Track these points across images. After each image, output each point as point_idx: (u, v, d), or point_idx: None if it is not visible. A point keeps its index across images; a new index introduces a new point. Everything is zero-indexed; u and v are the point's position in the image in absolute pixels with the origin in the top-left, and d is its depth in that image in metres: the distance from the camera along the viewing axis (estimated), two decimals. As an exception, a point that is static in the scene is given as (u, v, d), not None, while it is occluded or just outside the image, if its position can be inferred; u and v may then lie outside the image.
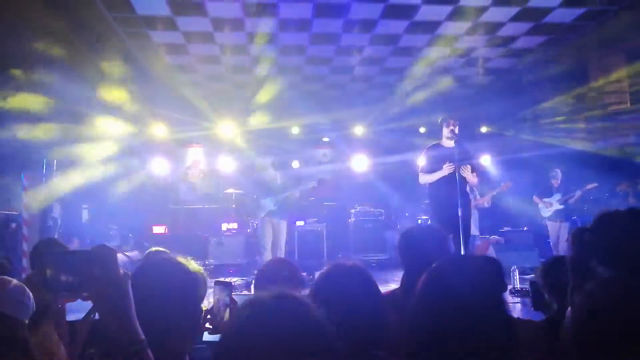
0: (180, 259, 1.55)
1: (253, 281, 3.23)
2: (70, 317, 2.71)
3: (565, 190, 7.85)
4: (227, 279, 2.57)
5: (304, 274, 3.39)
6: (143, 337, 1.15)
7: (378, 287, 1.85)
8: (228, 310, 2.10)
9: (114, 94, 7.40)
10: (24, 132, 6.53)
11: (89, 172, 7.46)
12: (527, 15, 6.66)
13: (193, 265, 1.55)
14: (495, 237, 8.14)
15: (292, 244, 7.89)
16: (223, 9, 6.39)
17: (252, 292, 3.81)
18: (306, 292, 1.88)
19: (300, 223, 8.61)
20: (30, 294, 2.00)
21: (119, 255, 2.91)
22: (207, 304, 2.36)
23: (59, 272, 1.13)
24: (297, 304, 1.06)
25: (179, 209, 8.60)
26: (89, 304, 1.17)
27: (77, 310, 2.71)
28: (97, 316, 1.17)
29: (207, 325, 2.07)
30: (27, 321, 1.81)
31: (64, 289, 1.15)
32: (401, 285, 2.60)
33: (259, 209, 6.89)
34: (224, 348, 1.04)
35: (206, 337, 2.08)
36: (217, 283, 2.18)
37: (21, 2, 5.31)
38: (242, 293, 5.30)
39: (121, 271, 1.15)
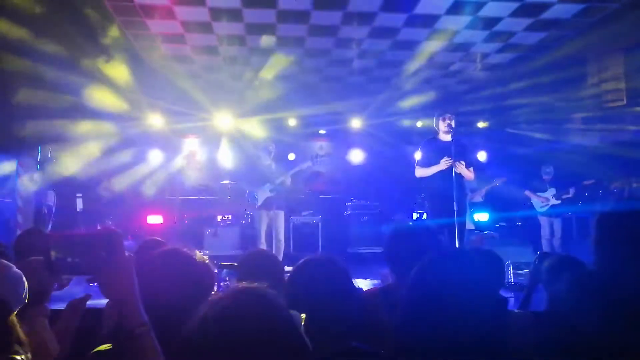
0: (185, 249, 1.55)
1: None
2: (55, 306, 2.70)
3: (559, 185, 7.88)
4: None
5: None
6: (146, 320, 1.16)
7: (351, 280, 1.88)
8: None
9: (111, 83, 7.34)
10: (21, 119, 6.49)
11: (84, 160, 7.43)
12: (526, 10, 6.65)
13: (199, 255, 1.56)
14: (490, 231, 8.18)
15: (287, 236, 7.89)
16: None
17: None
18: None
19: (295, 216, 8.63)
20: (25, 282, 2.00)
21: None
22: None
23: (65, 254, 1.13)
24: (258, 297, 1.06)
25: (175, 199, 8.58)
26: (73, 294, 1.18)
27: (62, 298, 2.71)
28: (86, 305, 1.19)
29: None
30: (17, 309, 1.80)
31: (69, 272, 1.17)
32: (394, 280, 2.56)
33: (255, 198, 6.89)
34: (189, 343, 1.04)
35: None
36: (221, 266, 2.18)
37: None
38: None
39: (126, 254, 1.15)
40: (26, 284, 2.00)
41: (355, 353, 1.59)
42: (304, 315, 1.67)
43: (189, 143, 10.20)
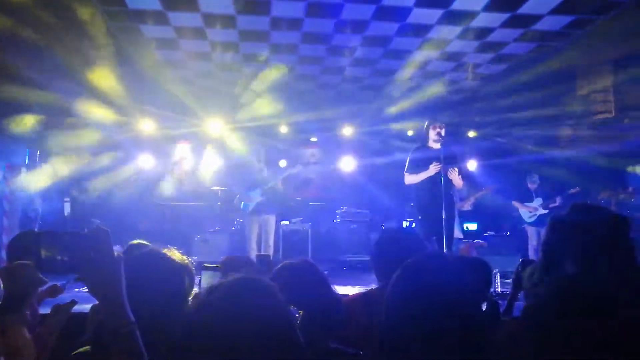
0: (164, 250, 1.54)
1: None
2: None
3: (545, 195, 7.93)
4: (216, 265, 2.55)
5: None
6: (133, 319, 1.16)
7: (328, 283, 1.94)
8: None
9: (102, 86, 7.31)
10: (8, 122, 6.44)
11: (72, 164, 7.38)
12: (517, 21, 6.73)
13: (177, 255, 1.55)
14: (479, 241, 8.20)
15: (276, 243, 7.87)
16: (215, 5, 6.37)
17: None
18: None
19: (285, 222, 8.60)
20: (1, 284, 1.97)
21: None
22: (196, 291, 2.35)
23: (55, 253, 1.15)
24: (259, 285, 1.08)
25: (164, 205, 8.53)
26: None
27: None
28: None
29: None
30: None
31: (58, 270, 1.17)
32: (372, 288, 2.56)
33: (246, 205, 6.88)
34: (187, 329, 1.06)
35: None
36: (205, 268, 2.17)
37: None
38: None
39: (115, 253, 1.16)
40: (1, 286, 1.97)
41: (334, 354, 1.59)
42: (301, 312, 1.68)
43: (180, 148, 10.17)
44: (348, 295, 2.63)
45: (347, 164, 9.97)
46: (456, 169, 5.31)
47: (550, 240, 1.91)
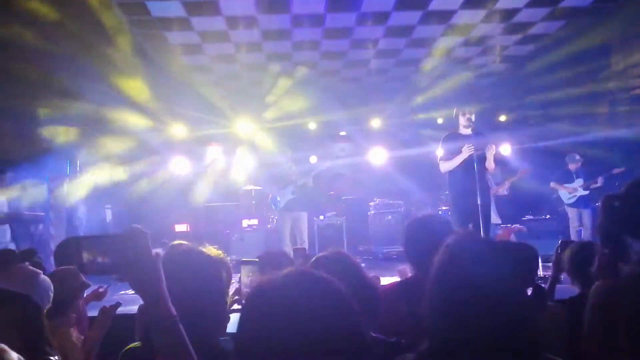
0: (201, 248, 1.60)
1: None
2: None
3: (587, 176, 7.68)
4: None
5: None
6: (175, 312, 1.21)
7: (363, 272, 1.93)
8: None
9: (133, 94, 7.51)
10: (49, 134, 6.70)
11: (111, 172, 7.62)
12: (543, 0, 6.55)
13: (213, 251, 1.60)
14: (518, 225, 8.02)
15: (312, 238, 7.92)
16: (236, 7, 6.45)
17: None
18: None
19: (319, 218, 8.65)
20: (52, 288, 2.08)
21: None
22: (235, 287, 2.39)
23: (95, 255, 1.20)
24: (314, 279, 1.05)
25: (200, 207, 8.71)
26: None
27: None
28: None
29: (236, 306, 2.10)
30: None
31: (100, 272, 1.22)
32: (413, 273, 2.55)
33: (278, 201, 6.95)
34: (241, 333, 1.04)
35: (230, 328, 2.13)
36: (243, 263, 2.20)
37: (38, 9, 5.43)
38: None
39: (153, 252, 1.21)
40: (52, 291, 2.08)
41: (375, 343, 1.60)
42: None
43: (211, 151, 10.34)
44: (385, 285, 2.64)
45: (378, 156, 9.92)
46: (493, 146, 5.23)
47: (610, 221, 1.77)
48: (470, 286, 1.21)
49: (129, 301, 3.19)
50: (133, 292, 1.21)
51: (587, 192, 7.63)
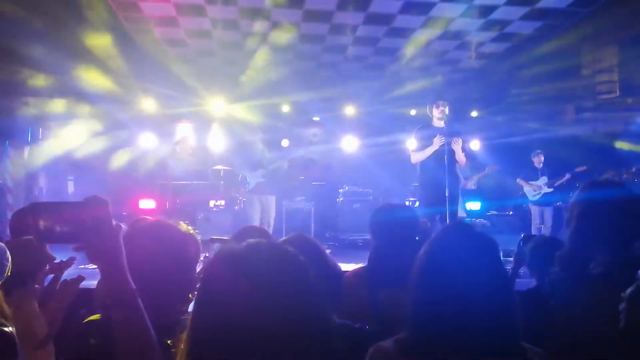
0: (170, 222, 1.55)
1: None
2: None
3: (551, 173, 7.91)
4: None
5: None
6: (134, 286, 1.16)
7: (326, 257, 1.92)
8: None
9: (101, 55, 7.20)
10: (10, 102, 6.41)
11: (76, 142, 7.36)
12: (522, -1, 6.63)
13: (183, 226, 1.56)
14: (482, 220, 8.22)
15: (279, 222, 7.89)
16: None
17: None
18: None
19: (287, 202, 8.62)
20: (9, 257, 1.99)
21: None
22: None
23: (53, 223, 1.14)
24: (280, 250, 1.02)
25: (167, 184, 8.55)
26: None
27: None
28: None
29: None
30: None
31: (57, 240, 1.16)
32: (368, 262, 2.53)
33: (247, 182, 6.89)
34: (198, 304, 0.99)
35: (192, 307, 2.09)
36: (213, 241, 2.16)
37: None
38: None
39: (114, 222, 1.15)
40: (10, 259, 1.99)
41: (339, 328, 1.59)
42: None
43: (181, 128, 10.14)
44: (346, 271, 2.64)
45: (350, 144, 9.92)
46: (460, 140, 5.31)
47: (583, 225, 1.81)
48: (453, 276, 1.24)
49: (90, 275, 3.11)
50: (92, 265, 1.17)
51: (551, 190, 7.87)
